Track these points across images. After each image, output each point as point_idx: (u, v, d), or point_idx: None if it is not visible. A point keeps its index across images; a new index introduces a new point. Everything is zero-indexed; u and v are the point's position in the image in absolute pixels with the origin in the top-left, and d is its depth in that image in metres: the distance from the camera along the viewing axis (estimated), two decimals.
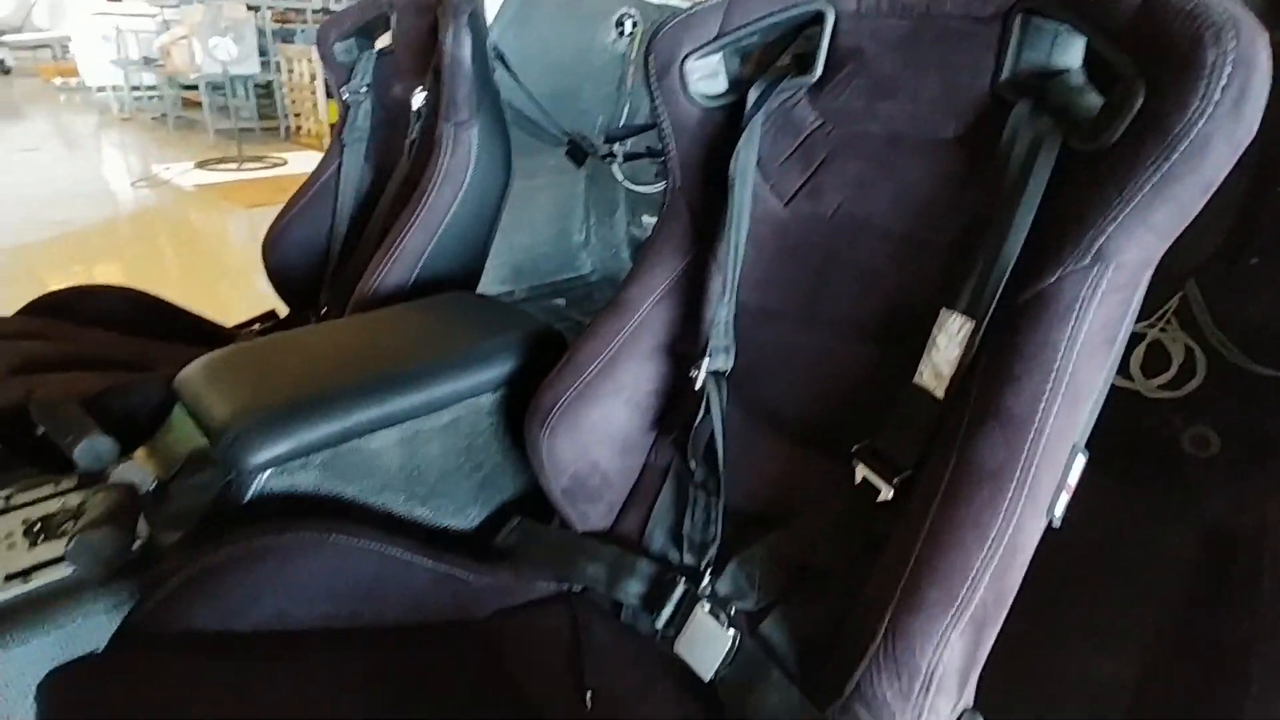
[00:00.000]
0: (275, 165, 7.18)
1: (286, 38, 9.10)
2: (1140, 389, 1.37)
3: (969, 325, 0.67)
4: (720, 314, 0.84)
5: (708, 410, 0.84)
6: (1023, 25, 0.68)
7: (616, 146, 1.90)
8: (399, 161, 1.40)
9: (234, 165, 6.98)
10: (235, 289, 4.32)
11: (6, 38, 16.03)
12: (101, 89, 10.35)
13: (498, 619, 0.87)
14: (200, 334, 1.49)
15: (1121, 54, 0.58)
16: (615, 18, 2.15)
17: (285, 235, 1.54)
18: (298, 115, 8.70)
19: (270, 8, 9.20)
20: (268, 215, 5.32)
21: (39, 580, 0.74)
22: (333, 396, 0.85)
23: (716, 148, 0.89)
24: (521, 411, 0.96)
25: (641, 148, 2.03)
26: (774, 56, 0.87)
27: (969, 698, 0.70)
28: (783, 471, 0.85)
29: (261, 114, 8.89)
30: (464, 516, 1.01)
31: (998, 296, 0.65)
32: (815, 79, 0.82)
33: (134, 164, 7.62)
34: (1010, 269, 0.64)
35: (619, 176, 2.35)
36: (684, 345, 0.90)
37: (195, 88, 8.45)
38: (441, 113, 1.24)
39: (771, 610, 0.78)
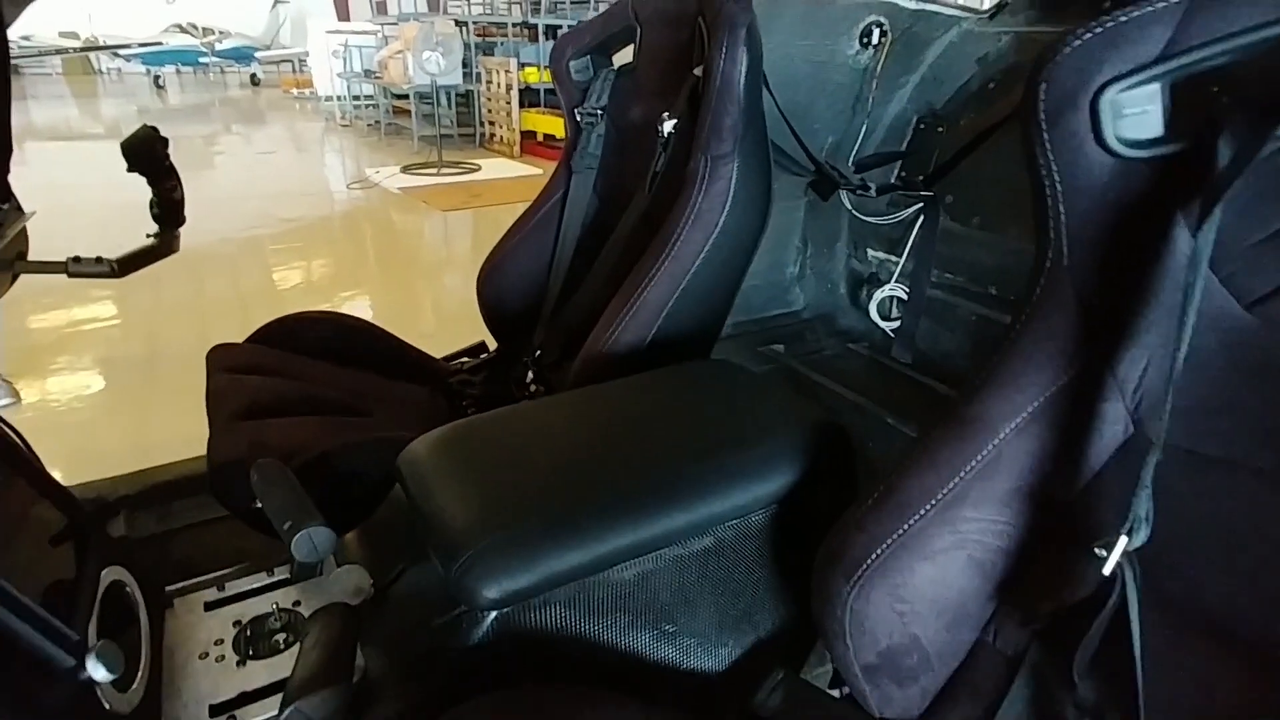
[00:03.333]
0: (470, 171, 7.55)
1: (487, 50, 9.62)
2: None
3: None
4: (1149, 470, 0.57)
5: (1118, 609, 0.57)
6: None
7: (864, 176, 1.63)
8: (636, 194, 1.23)
9: (433, 170, 7.41)
10: (428, 285, 4.52)
11: (259, 54, 18.43)
12: (328, 98, 11.52)
13: None
14: (411, 366, 1.41)
15: None
16: (861, 27, 1.88)
17: (504, 267, 1.42)
18: (492, 123, 9.16)
19: (475, 23, 9.77)
20: (460, 218, 5.60)
21: None
22: (585, 519, 0.68)
23: (1134, 216, 0.62)
24: (794, 527, 0.74)
25: (889, 176, 1.76)
26: (1246, 87, 0.58)
27: None
28: (1231, 703, 0.56)
29: (459, 121, 9.45)
30: (714, 656, 0.81)
31: None
32: None
33: (349, 167, 8.36)
34: None
35: (847, 204, 2.08)
36: (1060, 490, 0.64)
37: (406, 96, 9.12)
38: (698, 142, 1.05)
39: None
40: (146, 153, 1.06)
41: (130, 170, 1.07)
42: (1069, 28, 1.71)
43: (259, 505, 0.78)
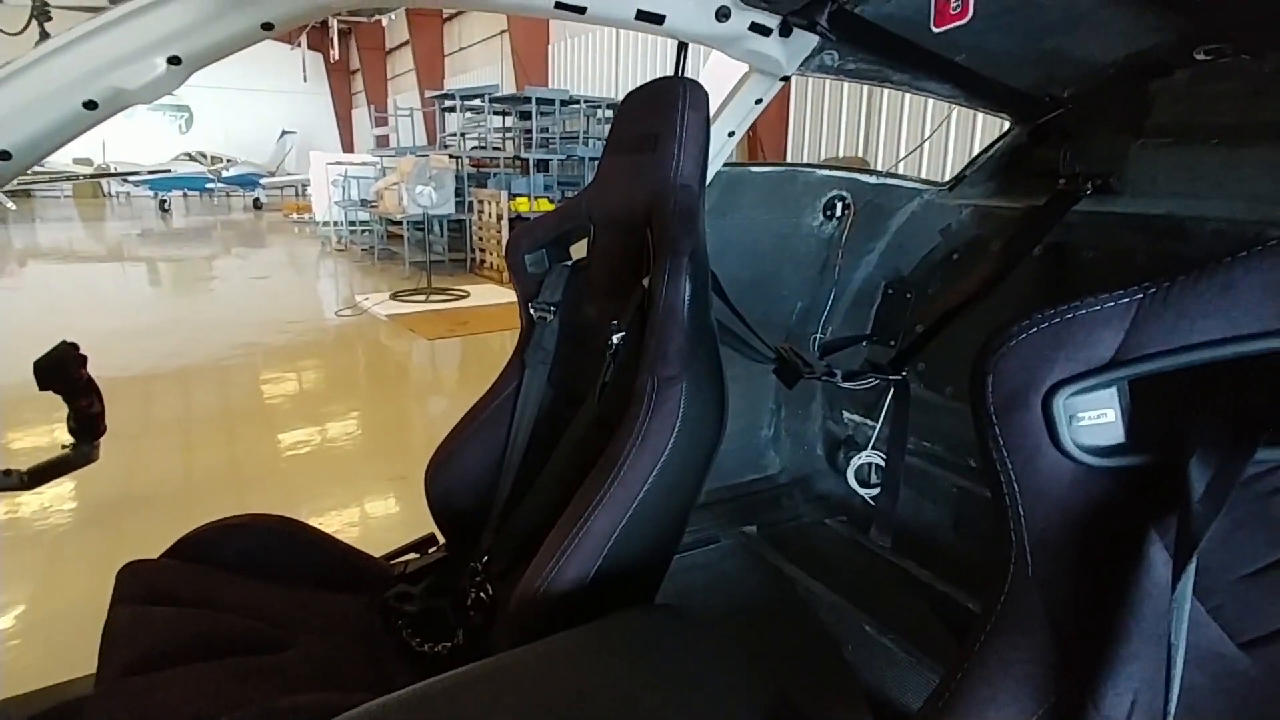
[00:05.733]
0: (458, 298, 7.66)
1: (481, 181, 10.02)
2: None
3: None
4: None
5: None
6: None
7: (828, 360, 1.60)
8: (587, 398, 1.17)
9: (422, 297, 7.51)
10: (408, 417, 4.45)
11: (263, 180, 19.25)
12: (326, 224, 11.90)
13: None
14: (347, 573, 1.31)
15: None
16: (824, 201, 1.91)
17: (453, 462, 1.35)
18: (483, 250, 9.40)
19: (469, 157, 10.23)
20: (446, 346, 5.67)
21: None
22: None
23: (1103, 528, 0.55)
24: None
25: (858, 362, 1.73)
26: (1214, 400, 0.53)
27: None
28: None
29: (451, 246, 9.71)
30: None
31: None
32: None
33: (341, 291, 8.49)
34: None
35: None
36: None
37: (400, 223, 9.40)
38: (644, 361, 1.01)
39: None
40: (60, 372, 1.00)
41: (43, 389, 1.01)
42: (1026, 203, 1.68)
43: None
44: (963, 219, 1.91)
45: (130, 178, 18.02)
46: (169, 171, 18.01)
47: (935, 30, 1.02)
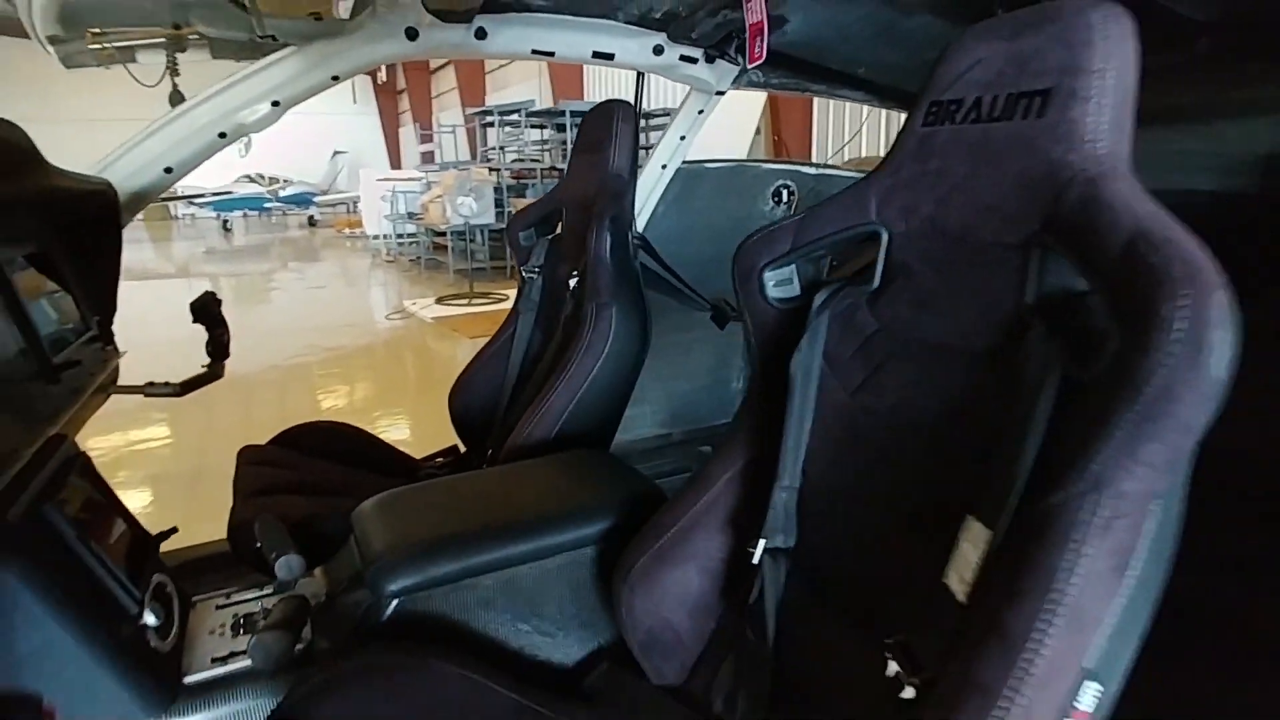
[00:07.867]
0: (498, 301, 8.23)
1: (520, 192, 10.62)
2: None
3: (986, 534, 0.70)
4: (778, 498, 0.92)
5: (764, 585, 0.91)
6: (1043, 253, 0.74)
7: None
8: (558, 331, 1.66)
9: (465, 301, 8.10)
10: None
11: (318, 198, 20.33)
12: (375, 237, 12.69)
13: None
14: (394, 465, 1.81)
15: (1104, 294, 0.63)
16: (772, 189, 2.37)
17: (468, 385, 1.85)
18: None
19: (508, 169, 10.85)
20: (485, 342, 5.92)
21: (230, 666, 0.99)
22: (456, 541, 1.05)
23: (790, 344, 1.00)
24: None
25: None
26: (841, 266, 0.99)
27: None
28: (829, 648, 0.88)
29: (492, 254, 10.32)
30: (565, 653, 1.14)
31: (1011, 512, 0.68)
32: (873, 288, 0.92)
33: (390, 298, 9.15)
34: (1023, 485, 0.68)
35: None
36: (751, 521, 0.99)
37: (445, 234, 10.04)
38: (587, 294, 1.48)
39: None
40: (206, 310, 1.53)
41: (195, 323, 1.54)
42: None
43: (259, 545, 1.17)
44: None
45: (195, 200, 19.22)
46: (231, 193, 19.18)
47: (749, 67, 1.47)
